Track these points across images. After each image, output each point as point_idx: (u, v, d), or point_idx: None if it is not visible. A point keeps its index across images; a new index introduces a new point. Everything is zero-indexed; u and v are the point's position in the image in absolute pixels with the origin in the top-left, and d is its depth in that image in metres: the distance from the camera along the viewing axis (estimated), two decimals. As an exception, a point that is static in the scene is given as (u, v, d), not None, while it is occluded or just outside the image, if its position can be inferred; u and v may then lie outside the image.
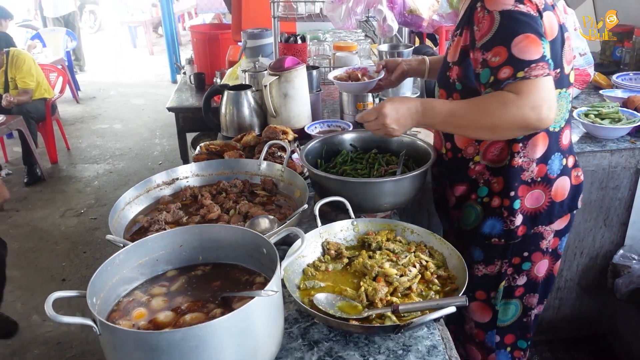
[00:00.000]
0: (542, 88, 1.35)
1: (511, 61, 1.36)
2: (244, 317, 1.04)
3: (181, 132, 4.15)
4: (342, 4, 2.42)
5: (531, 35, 1.36)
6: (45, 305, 1.04)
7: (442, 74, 1.67)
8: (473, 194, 1.68)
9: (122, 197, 1.68)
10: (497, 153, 1.60)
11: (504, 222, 1.64)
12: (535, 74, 1.34)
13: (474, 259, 1.75)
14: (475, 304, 1.82)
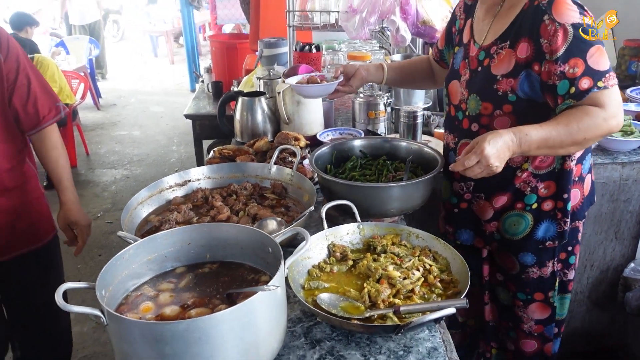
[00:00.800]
0: (618, 96, 1.46)
1: (589, 72, 1.43)
2: (247, 311, 1.07)
3: (198, 139, 4.21)
4: (356, 14, 2.46)
5: (600, 46, 1.44)
6: (56, 295, 1.07)
7: (483, 87, 1.63)
8: (519, 202, 1.70)
9: (135, 196, 1.73)
10: (544, 158, 1.64)
11: (558, 224, 1.71)
12: (611, 84, 1.44)
13: (525, 264, 1.80)
14: (534, 305, 1.87)
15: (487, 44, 1.63)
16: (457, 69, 1.75)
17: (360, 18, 2.47)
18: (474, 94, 1.65)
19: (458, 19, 1.82)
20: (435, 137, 2.37)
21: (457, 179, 1.78)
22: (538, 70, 1.50)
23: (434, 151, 1.82)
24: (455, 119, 1.75)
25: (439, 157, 1.77)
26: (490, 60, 1.60)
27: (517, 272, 1.83)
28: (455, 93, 1.76)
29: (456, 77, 1.75)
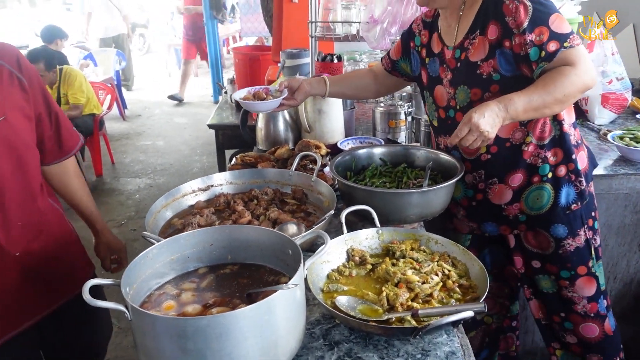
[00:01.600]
0: (585, 54, 1.60)
1: (554, 36, 1.58)
2: (267, 309, 1.09)
3: (220, 148, 4.27)
4: (377, 24, 2.50)
5: (558, 14, 1.61)
6: (83, 290, 1.11)
7: (468, 76, 1.75)
8: (535, 176, 1.80)
9: (159, 200, 1.77)
10: (543, 128, 1.76)
11: (575, 186, 1.80)
12: (577, 43, 1.59)
13: (559, 237, 1.86)
14: (581, 281, 1.91)
15: (458, 41, 1.77)
16: (437, 75, 1.86)
17: (381, 28, 2.50)
18: (461, 85, 1.77)
19: (418, 35, 1.96)
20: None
21: (469, 170, 1.85)
22: (509, 46, 1.64)
23: (454, 158, 1.83)
24: (447, 119, 1.85)
25: (458, 164, 1.78)
26: (467, 52, 1.74)
27: (554, 249, 1.88)
28: (441, 96, 1.86)
29: (438, 82, 1.86)
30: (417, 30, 1.97)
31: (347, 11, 2.79)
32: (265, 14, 4.86)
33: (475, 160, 1.83)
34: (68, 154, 1.80)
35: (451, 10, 1.79)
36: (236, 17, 8.59)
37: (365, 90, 2.22)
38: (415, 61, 1.98)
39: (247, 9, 7.55)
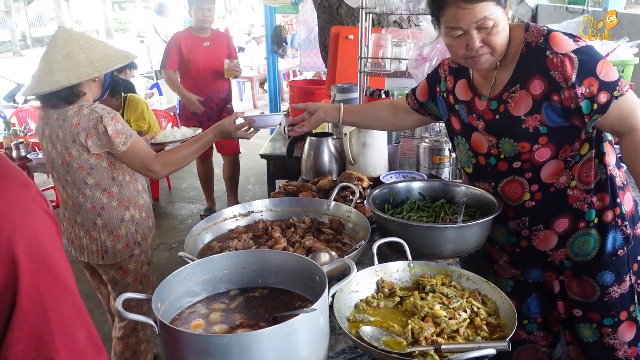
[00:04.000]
0: (636, 99, 1.61)
1: (604, 86, 1.56)
2: (288, 332, 1.12)
3: (271, 178, 4.37)
4: (425, 62, 2.53)
5: (604, 60, 1.59)
6: (116, 303, 1.18)
7: (513, 130, 1.69)
8: (581, 222, 1.75)
9: (200, 223, 1.84)
10: (588, 172, 1.71)
11: (622, 230, 1.75)
12: (626, 90, 1.58)
13: (606, 284, 1.80)
14: (622, 326, 1.84)
15: (495, 93, 1.72)
16: (468, 122, 1.82)
17: (429, 65, 2.53)
18: (506, 137, 1.71)
19: (444, 81, 1.92)
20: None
21: (511, 217, 1.81)
22: (558, 100, 1.60)
23: (493, 195, 1.81)
24: (488, 165, 1.80)
25: (497, 201, 1.76)
26: (506, 105, 1.69)
27: (599, 297, 1.81)
28: (480, 143, 1.79)
29: (473, 129, 1.81)
30: (443, 75, 1.93)
31: (398, 48, 2.84)
32: (322, 49, 5.00)
33: (519, 207, 1.78)
34: None
35: (488, 67, 1.73)
36: (297, 52, 8.82)
37: (382, 123, 2.21)
38: (442, 106, 1.95)
39: (307, 45, 7.77)
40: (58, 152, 2.30)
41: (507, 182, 1.77)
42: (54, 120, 2.27)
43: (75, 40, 2.23)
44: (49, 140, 2.31)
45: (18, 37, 21.97)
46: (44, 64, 2.21)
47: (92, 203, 2.33)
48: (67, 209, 2.42)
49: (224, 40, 4.99)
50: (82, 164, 2.26)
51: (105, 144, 2.21)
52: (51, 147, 2.32)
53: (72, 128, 2.21)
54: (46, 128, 2.32)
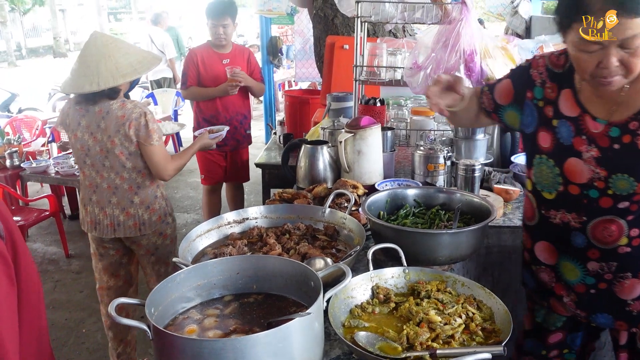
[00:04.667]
0: None
1: None
2: (282, 336, 1.11)
3: (266, 187, 4.36)
4: (420, 70, 2.54)
5: None
6: (109, 307, 1.17)
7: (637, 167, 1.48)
8: None
9: (195, 229, 1.83)
10: None
11: None
12: None
13: None
14: None
15: (620, 119, 1.48)
16: (570, 144, 1.55)
17: (424, 74, 2.54)
18: (623, 173, 1.48)
19: (540, 87, 1.62)
20: (495, 193, 2.35)
21: (595, 259, 1.58)
22: None
23: (486, 202, 1.82)
24: (583, 197, 1.55)
25: (491, 208, 1.77)
26: (635, 137, 1.45)
27: None
28: (579, 172, 1.54)
29: (572, 154, 1.54)
30: (538, 78, 1.62)
31: (393, 57, 2.86)
32: (318, 59, 5.02)
33: (610, 251, 1.56)
34: None
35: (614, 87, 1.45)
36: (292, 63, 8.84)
37: (468, 114, 1.87)
38: (531, 116, 1.64)
39: (302, 55, 7.81)
40: (97, 140, 2.58)
41: (602, 221, 1.54)
42: (96, 113, 2.56)
43: (113, 44, 2.52)
44: (86, 130, 2.59)
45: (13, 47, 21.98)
46: (85, 65, 2.47)
47: (129, 184, 2.66)
48: (98, 192, 2.69)
49: (244, 55, 4.38)
50: (123, 151, 2.58)
51: (143, 135, 2.54)
52: (88, 136, 2.59)
53: (117, 119, 2.52)
54: (83, 119, 2.59)
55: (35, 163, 5.03)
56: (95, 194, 2.71)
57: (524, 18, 6.77)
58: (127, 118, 2.52)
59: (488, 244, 2.20)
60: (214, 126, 3.79)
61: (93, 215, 2.73)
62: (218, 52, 4.20)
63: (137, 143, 2.58)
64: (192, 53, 4.26)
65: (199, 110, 4.38)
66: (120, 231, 2.71)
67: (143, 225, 2.73)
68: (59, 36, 23.64)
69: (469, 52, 2.45)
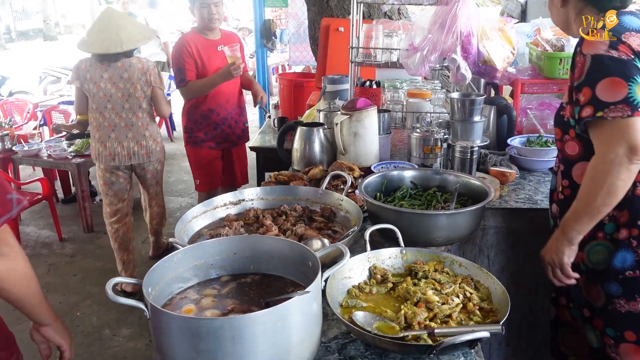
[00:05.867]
0: (619, 130, 1.51)
1: (593, 101, 1.54)
2: (280, 315, 1.11)
3: (261, 171, 4.35)
4: (416, 52, 2.52)
5: (617, 78, 1.51)
6: (106, 286, 1.16)
7: (557, 114, 1.80)
8: (600, 232, 1.70)
9: (190, 210, 1.82)
10: None
11: (635, 252, 1.66)
12: (612, 115, 1.50)
13: (611, 294, 1.73)
14: (626, 346, 1.75)
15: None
16: None
17: (420, 56, 2.52)
18: (554, 121, 1.83)
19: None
20: (491, 175, 2.35)
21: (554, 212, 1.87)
22: (574, 98, 1.64)
23: (483, 184, 1.81)
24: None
25: (488, 189, 1.76)
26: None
27: (603, 304, 1.75)
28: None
29: None
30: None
31: (389, 39, 2.83)
32: (312, 42, 4.98)
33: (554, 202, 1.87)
34: None
35: None
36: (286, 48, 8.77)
37: None
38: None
39: (296, 39, 7.75)
40: (119, 88, 3.51)
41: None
42: (118, 67, 3.49)
43: (124, 18, 3.68)
44: (109, 81, 3.50)
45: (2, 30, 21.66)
46: (107, 32, 3.39)
47: (142, 122, 3.62)
48: (116, 130, 3.59)
49: (236, 40, 3.85)
50: (141, 94, 3.55)
51: (158, 80, 3.60)
52: (111, 85, 3.50)
53: (139, 70, 3.52)
54: (105, 73, 3.49)
55: (27, 146, 4.99)
56: (113, 132, 3.58)
57: (519, 2, 6.74)
58: (147, 68, 3.53)
59: (484, 226, 2.20)
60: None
61: (112, 149, 3.60)
62: (209, 39, 3.70)
63: (152, 87, 3.54)
64: (184, 42, 3.63)
65: (189, 110, 3.84)
66: (135, 159, 3.65)
67: (151, 153, 3.70)
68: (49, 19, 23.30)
69: (465, 33, 2.43)
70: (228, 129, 3.94)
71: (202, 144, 3.90)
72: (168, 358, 1.14)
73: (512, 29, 2.64)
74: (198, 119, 3.83)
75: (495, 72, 2.54)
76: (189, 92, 3.70)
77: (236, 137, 4.07)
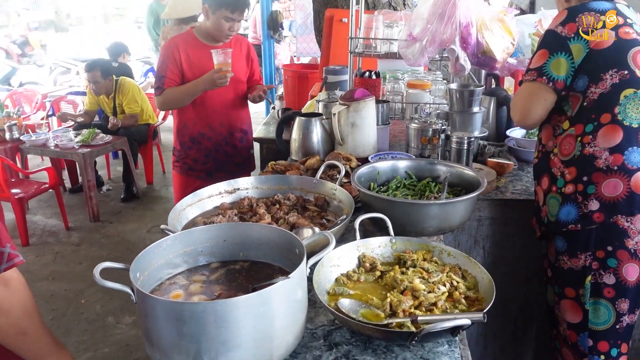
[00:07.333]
0: (521, 91, 1.91)
1: (526, 69, 1.88)
2: (263, 300, 1.12)
3: (264, 161, 4.36)
4: (415, 42, 2.52)
5: (545, 50, 1.83)
6: (94, 271, 1.18)
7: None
8: (553, 186, 1.89)
9: (185, 199, 1.83)
10: (568, 147, 1.85)
11: (579, 207, 1.80)
12: (526, 79, 1.86)
13: (558, 250, 1.90)
14: (565, 302, 1.90)
15: None
16: None
17: (419, 46, 2.52)
18: None
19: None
20: (489, 166, 2.35)
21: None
22: None
23: (477, 174, 1.82)
24: None
25: (480, 180, 1.76)
26: None
27: (554, 260, 1.91)
28: None
29: None
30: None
31: (389, 30, 2.83)
32: (317, 33, 4.98)
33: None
34: None
35: None
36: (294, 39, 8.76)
37: None
38: None
39: (303, 30, 7.73)
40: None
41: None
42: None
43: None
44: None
45: (15, 21, 21.79)
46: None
47: None
48: None
49: (242, 48, 3.17)
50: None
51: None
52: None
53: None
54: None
55: (35, 136, 5.04)
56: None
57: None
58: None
59: (480, 217, 2.20)
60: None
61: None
62: (208, 45, 2.98)
63: None
64: (171, 45, 2.99)
65: (178, 130, 3.18)
66: None
67: None
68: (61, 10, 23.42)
69: (465, 24, 2.42)
70: (223, 157, 3.21)
71: (189, 172, 3.20)
72: (154, 342, 1.16)
73: (513, 19, 2.62)
74: (186, 141, 3.15)
75: (495, 62, 2.53)
76: (164, 102, 3.02)
77: (235, 165, 3.25)
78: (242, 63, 3.12)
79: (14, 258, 1.21)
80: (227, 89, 2.94)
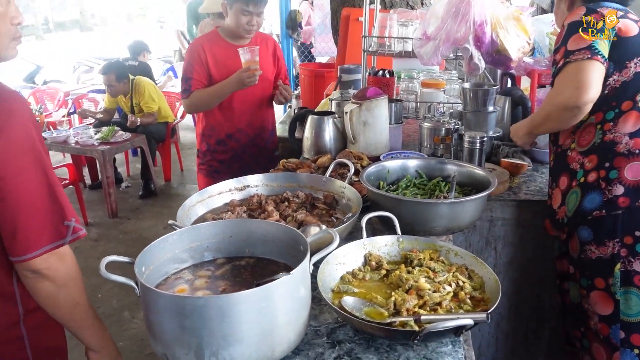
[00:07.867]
0: (570, 70, 1.73)
1: (564, 54, 1.76)
2: (265, 296, 1.12)
3: (279, 159, 4.39)
4: (429, 41, 2.50)
5: (585, 33, 1.73)
6: (100, 264, 1.20)
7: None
8: (573, 180, 1.87)
9: (194, 195, 1.85)
10: (587, 136, 1.84)
11: (603, 193, 1.78)
12: (574, 58, 1.71)
13: (583, 241, 1.85)
14: (595, 294, 1.84)
15: None
16: None
17: (433, 45, 2.50)
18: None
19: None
20: (502, 166, 2.32)
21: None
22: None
23: (487, 174, 1.80)
24: None
25: (491, 179, 1.75)
26: None
27: (578, 253, 1.86)
28: None
29: None
30: None
31: (404, 28, 2.81)
32: (334, 32, 4.98)
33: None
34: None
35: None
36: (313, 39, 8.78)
37: None
38: None
39: (321, 29, 7.73)
40: None
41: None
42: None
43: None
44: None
45: (41, 21, 22.22)
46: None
47: None
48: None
49: (269, 46, 3.08)
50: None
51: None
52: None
53: None
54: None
55: (56, 133, 5.13)
56: None
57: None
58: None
59: (492, 217, 2.18)
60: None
61: None
62: (233, 44, 2.89)
63: None
64: (196, 45, 2.93)
65: (204, 132, 3.10)
66: None
67: None
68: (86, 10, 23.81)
69: (479, 22, 2.40)
70: (250, 159, 3.11)
71: (214, 174, 3.08)
72: (157, 335, 1.17)
73: (529, 18, 2.59)
74: (212, 144, 3.08)
75: (510, 62, 2.50)
76: (192, 105, 2.96)
77: (261, 167, 2.93)
78: (269, 61, 3.03)
79: (77, 231, 1.36)
80: (255, 89, 2.85)
